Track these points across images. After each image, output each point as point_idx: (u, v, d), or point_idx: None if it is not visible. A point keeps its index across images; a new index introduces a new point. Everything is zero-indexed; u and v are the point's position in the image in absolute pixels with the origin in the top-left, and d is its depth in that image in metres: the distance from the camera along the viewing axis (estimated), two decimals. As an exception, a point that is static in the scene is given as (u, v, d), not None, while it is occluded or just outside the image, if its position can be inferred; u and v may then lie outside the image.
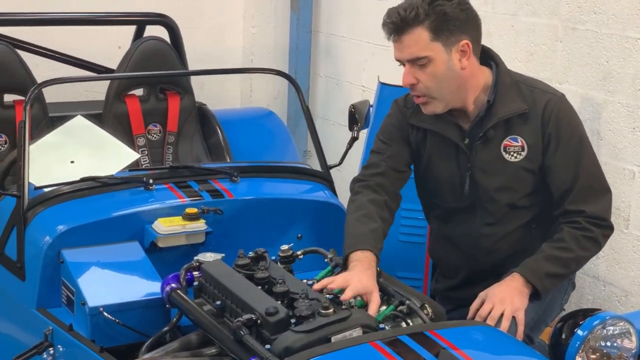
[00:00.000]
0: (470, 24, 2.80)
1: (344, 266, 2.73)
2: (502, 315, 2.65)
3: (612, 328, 2.37)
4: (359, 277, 2.57)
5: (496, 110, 2.86)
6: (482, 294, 2.74)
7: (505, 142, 2.89)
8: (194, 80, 4.83)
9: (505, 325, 2.62)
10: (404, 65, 2.82)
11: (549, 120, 2.84)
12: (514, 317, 2.66)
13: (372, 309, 2.50)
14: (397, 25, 2.74)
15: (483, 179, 2.93)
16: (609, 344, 2.36)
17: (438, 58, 2.75)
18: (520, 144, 2.88)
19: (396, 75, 4.98)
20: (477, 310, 2.71)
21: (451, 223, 3.06)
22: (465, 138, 2.93)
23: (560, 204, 2.86)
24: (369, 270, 2.64)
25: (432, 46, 2.73)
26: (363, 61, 5.43)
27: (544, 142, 2.86)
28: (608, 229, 2.87)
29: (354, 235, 2.80)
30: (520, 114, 2.87)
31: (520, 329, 2.65)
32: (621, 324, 2.37)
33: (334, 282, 2.56)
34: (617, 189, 3.68)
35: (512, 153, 2.89)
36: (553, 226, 2.91)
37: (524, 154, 2.88)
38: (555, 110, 2.84)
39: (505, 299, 2.67)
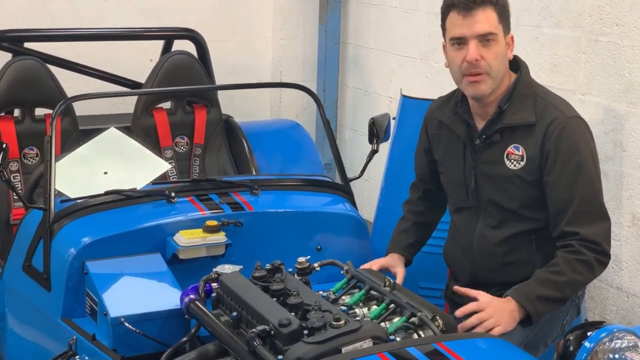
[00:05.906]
0: (510, 23, 2.97)
1: None
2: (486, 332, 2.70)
3: (619, 341, 2.36)
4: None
5: (505, 116, 2.94)
6: (484, 297, 2.77)
7: (509, 149, 2.95)
8: (224, 93, 4.90)
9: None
10: (461, 44, 2.88)
11: (550, 137, 2.88)
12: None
13: (399, 277, 3.11)
14: (472, 0, 2.85)
15: (485, 181, 3.01)
16: (617, 356, 2.35)
17: (501, 39, 2.89)
18: (520, 153, 2.94)
19: (421, 88, 5.05)
20: (468, 315, 2.75)
21: (459, 221, 3.14)
22: (476, 138, 3.00)
23: (556, 224, 2.88)
24: (388, 257, 3.25)
25: (498, 27, 2.89)
26: (390, 72, 5.47)
27: (543, 157, 2.89)
28: (603, 254, 2.84)
29: (391, 238, 3.34)
30: (527, 125, 2.92)
31: None
32: (629, 337, 2.36)
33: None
34: (640, 200, 3.69)
35: (512, 160, 2.95)
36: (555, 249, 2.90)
37: (522, 163, 2.93)
38: (558, 128, 2.88)
39: (502, 318, 2.71)
